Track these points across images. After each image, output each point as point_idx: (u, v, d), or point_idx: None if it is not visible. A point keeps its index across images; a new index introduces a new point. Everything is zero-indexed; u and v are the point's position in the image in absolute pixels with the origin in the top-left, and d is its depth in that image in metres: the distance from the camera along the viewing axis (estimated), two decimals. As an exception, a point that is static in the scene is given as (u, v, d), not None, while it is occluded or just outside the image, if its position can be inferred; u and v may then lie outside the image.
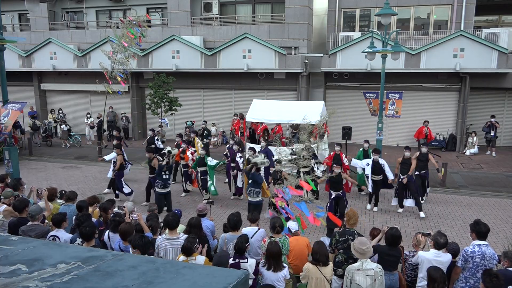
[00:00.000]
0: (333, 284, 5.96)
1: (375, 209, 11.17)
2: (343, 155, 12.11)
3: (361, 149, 12.49)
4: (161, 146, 14.31)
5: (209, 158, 11.67)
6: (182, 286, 1.68)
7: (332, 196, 9.75)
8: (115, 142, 13.22)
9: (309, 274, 5.21)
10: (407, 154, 11.05)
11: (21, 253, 1.94)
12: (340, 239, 5.98)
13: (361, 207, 11.33)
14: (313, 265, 5.21)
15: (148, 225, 6.18)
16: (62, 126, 20.07)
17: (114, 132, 14.69)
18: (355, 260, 5.80)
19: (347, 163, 11.78)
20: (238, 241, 5.41)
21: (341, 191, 9.78)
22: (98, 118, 19.46)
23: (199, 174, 11.76)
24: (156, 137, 14.72)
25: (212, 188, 11.53)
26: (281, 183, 8.12)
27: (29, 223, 6.04)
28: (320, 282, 5.17)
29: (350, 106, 18.90)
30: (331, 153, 12.27)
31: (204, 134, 16.26)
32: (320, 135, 13.23)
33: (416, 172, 11.22)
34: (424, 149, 11.38)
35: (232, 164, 12.14)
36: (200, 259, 5.18)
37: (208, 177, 11.60)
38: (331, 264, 5.33)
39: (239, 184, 12.08)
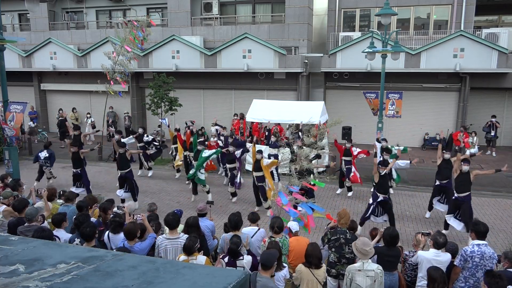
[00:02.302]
0: (328, 285, 5.99)
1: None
2: (353, 148, 12.27)
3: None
4: (149, 139, 14.39)
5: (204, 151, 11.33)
6: (182, 286, 1.68)
7: (379, 199, 9.16)
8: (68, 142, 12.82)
9: (301, 276, 5.23)
10: (446, 156, 10.20)
11: (21, 253, 1.94)
12: (331, 238, 6.02)
13: (361, 207, 11.32)
14: (305, 267, 5.23)
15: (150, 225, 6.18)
16: (29, 123, 20.22)
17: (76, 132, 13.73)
18: (348, 259, 5.83)
19: (355, 152, 12.09)
20: (231, 246, 5.26)
21: (387, 194, 9.30)
22: (60, 117, 19.26)
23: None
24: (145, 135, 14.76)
25: (202, 177, 11.25)
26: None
27: (26, 224, 6.03)
28: (312, 284, 5.18)
29: (350, 106, 18.89)
30: (343, 146, 12.51)
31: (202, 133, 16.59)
32: (320, 137, 13.26)
33: (437, 182, 10.33)
34: (447, 155, 10.26)
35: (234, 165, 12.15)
36: (201, 258, 5.18)
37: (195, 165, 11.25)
38: (324, 266, 5.34)
39: (237, 179, 12.15)
